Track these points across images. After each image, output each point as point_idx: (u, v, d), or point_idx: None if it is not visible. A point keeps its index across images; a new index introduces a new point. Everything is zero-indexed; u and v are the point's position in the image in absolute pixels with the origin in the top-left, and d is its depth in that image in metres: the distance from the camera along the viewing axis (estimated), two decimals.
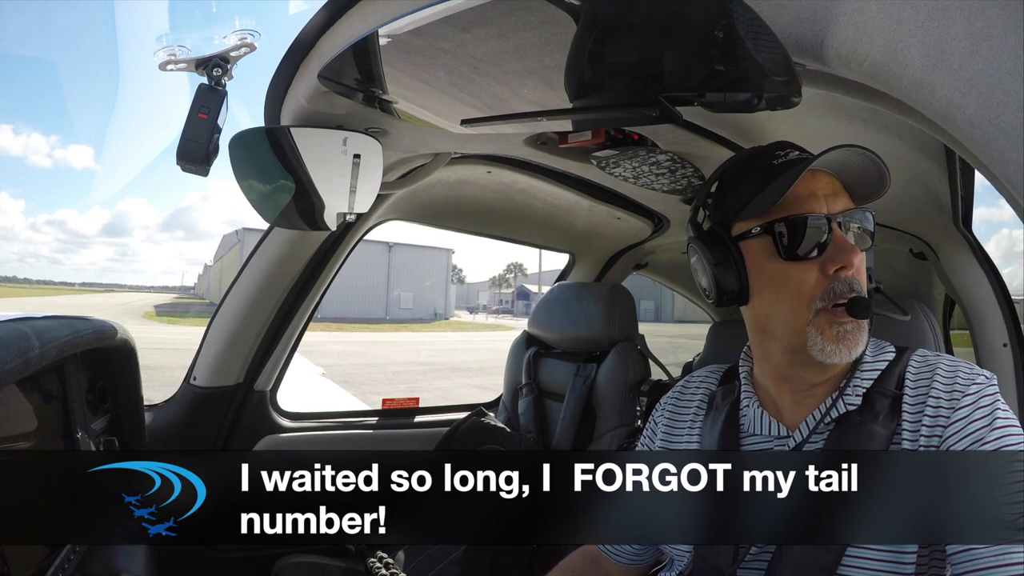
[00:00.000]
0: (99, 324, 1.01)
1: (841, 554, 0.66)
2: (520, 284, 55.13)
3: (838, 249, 0.69)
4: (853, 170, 0.71)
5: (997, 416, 0.64)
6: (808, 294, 0.70)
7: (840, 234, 0.70)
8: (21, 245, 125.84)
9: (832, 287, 0.69)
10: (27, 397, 0.83)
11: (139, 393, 1.24)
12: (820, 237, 0.70)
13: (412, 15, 0.69)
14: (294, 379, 1.76)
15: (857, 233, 0.72)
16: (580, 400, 1.62)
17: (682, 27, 0.64)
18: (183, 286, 74.35)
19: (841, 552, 0.66)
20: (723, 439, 0.80)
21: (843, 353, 0.69)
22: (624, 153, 1.16)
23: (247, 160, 1.02)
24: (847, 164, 0.70)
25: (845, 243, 0.70)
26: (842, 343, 0.69)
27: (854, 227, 0.72)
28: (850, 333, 0.69)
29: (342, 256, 1.54)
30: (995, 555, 0.56)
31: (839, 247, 0.69)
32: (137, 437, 1.26)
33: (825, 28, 0.50)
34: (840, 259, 0.69)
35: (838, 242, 0.70)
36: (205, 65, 0.89)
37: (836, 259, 0.69)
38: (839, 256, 0.69)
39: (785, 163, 0.73)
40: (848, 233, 0.71)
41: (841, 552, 0.66)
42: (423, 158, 1.32)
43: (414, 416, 1.86)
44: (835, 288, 0.69)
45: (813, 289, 0.70)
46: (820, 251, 0.70)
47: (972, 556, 0.57)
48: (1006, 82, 0.37)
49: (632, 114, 0.82)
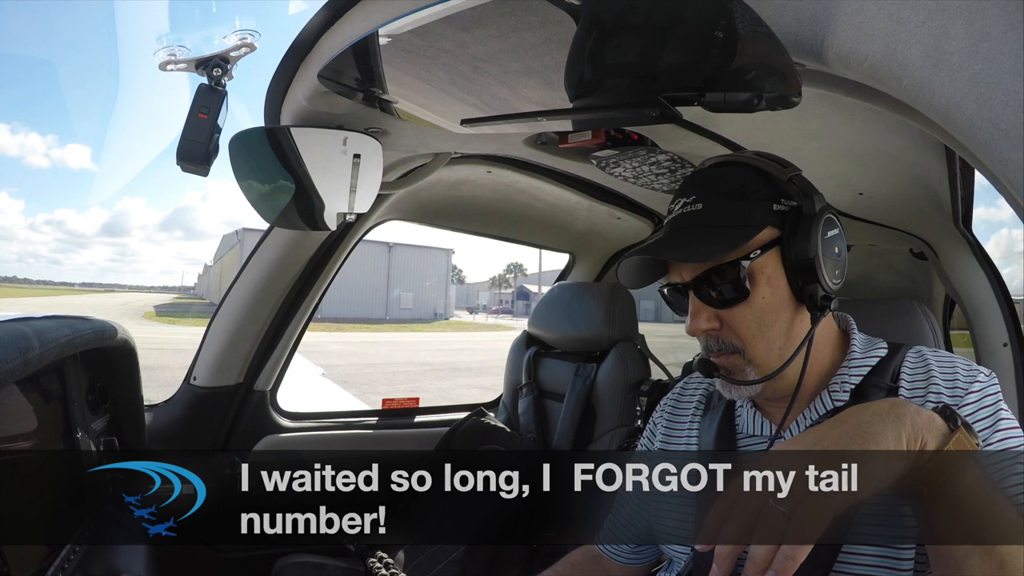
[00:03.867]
0: (99, 324, 1.01)
1: (837, 551, 0.66)
2: (520, 284, 55.14)
3: (690, 313, 0.74)
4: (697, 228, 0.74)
5: (1001, 417, 0.64)
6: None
7: (693, 299, 0.74)
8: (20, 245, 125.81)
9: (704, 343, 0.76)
10: (27, 397, 0.83)
11: (139, 393, 1.24)
12: (682, 304, 0.76)
13: (412, 15, 0.69)
14: (294, 379, 1.76)
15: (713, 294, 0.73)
16: (580, 400, 1.62)
17: (682, 27, 0.64)
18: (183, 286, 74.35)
19: (836, 550, 0.66)
20: (719, 439, 0.81)
21: (728, 393, 0.76)
22: (624, 153, 1.16)
23: (247, 160, 1.02)
24: (678, 243, 0.73)
25: (694, 307, 0.74)
26: (723, 388, 0.76)
27: (704, 291, 0.73)
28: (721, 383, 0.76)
29: (342, 256, 1.54)
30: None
31: (691, 312, 0.74)
32: (137, 437, 1.26)
33: (825, 28, 0.50)
34: (689, 325, 0.74)
35: (691, 306, 0.74)
36: (205, 65, 0.89)
37: (688, 324, 0.74)
38: (689, 321, 0.74)
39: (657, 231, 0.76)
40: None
41: (836, 550, 0.66)
42: (423, 158, 1.32)
43: (414, 416, 1.86)
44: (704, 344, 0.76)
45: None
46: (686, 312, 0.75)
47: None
48: (1006, 82, 0.37)
49: (632, 114, 0.82)
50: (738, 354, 0.72)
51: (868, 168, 1.11)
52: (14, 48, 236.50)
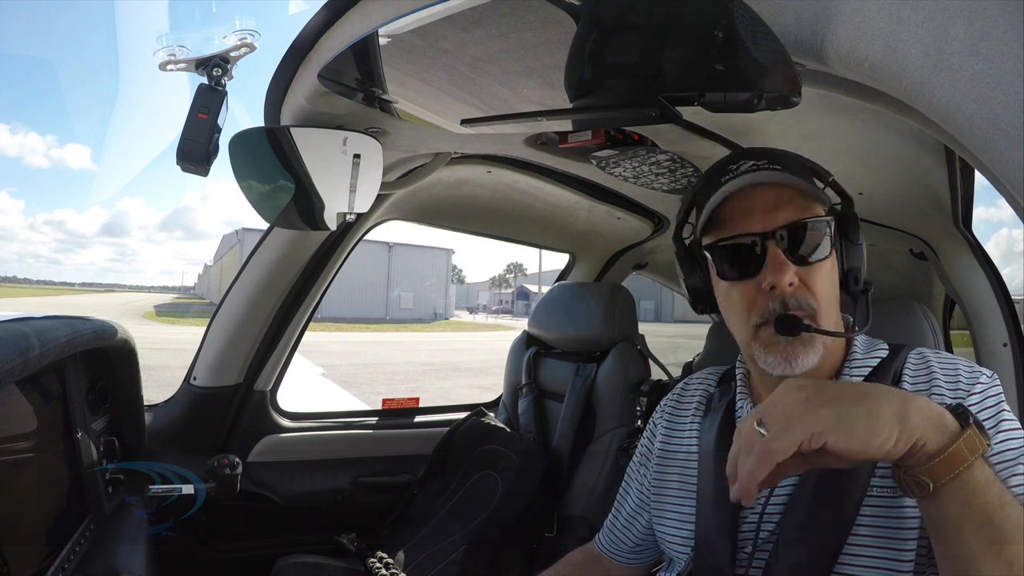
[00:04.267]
0: (99, 324, 1.01)
1: (838, 552, 0.66)
2: (520, 284, 55.10)
3: (770, 268, 0.70)
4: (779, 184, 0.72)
5: (1003, 419, 0.65)
6: (747, 311, 0.72)
7: (774, 252, 0.70)
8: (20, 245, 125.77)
9: (767, 304, 0.70)
10: (27, 397, 0.83)
11: (139, 393, 1.24)
12: (752, 256, 0.71)
13: (412, 15, 0.69)
14: (294, 379, 1.76)
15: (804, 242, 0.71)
16: (580, 400, 1.62)
17: (682, 27, 0.64)
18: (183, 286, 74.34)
19: (838, 551, 0.66)
20: (720, 440, 0.81)
21: (785, 366, 0.70)
22: (624, 153, 1.16)
23: (247, 160, 1.02)
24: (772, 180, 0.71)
25: (775, 260, 0.70)
26: (781, 357, 0.70)
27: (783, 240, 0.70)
28: (788, 348, 0.69)
29: (342, 256, 1.54)
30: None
31: (771, 266, 0.70)
32: (137, 437, 1.26)
33: (825, 28, 0.50)
34: (771, 278, 0.69)
35: (770, 260, 0.70)
36: (205, 65, 0.89)
37: (768, 278, 0.70)
38: (769, 275, 0.70)
39: (728, 180, 0.73)
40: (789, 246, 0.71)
41: (838, 551, 0.66)
42: (423, 158, 1.32)
43: (414, 416, 1.86)
44: (769, 306, 0.70)
45: (751, 306, 0.72)
46: (756, 269, 0.71)
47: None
48: (1006, 82, 0.37)
49: (632, 114, 0.82)
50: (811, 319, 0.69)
51: (868, 168, 1.11)
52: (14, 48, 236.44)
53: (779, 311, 0.69)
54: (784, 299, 0.70)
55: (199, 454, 1.42)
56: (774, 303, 0.70)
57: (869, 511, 0.66)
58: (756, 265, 0.70)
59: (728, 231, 0.72)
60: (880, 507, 0.66)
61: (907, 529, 0.64)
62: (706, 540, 0.77)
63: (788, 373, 0.70)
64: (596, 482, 1.53)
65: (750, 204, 0.71)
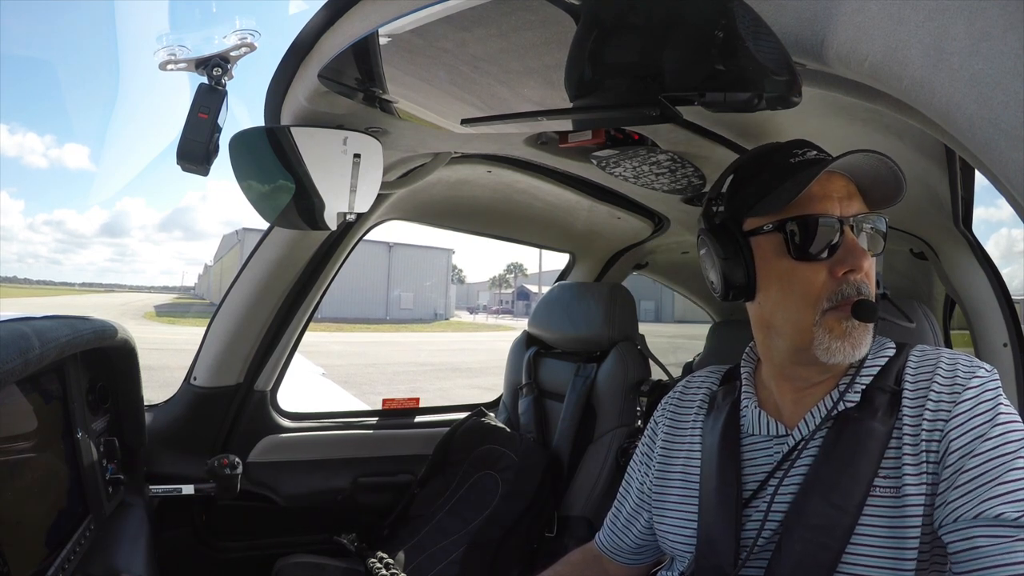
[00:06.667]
0: (99, 324, 1.01)
1: (840, 552, 0.66)
2: (520, 284, 55.10)
3: (848, 251, 0.70)
4: (868, 175, 0.71)
5: (1000, 412, 0.64)
6: (816, 294, 0.71)
7: (851, 237, 0.70)
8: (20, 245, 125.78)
9: (840, 289, 0.70)
10: (27, 397, 0.83)
11: (139, 393, 1.24)
12: (831, 238, 0.70)
13: (412, 15, 0.69)
14: (294, 379, 1.76)
15: (870, 235, 0.73)
16: (580, 400, 1.62)
17: (682, 27, 0.64)
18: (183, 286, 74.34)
19: (840, 550, 0.66)
20: (724, 439, 0.80)
21: (848, 353, 0.70)
22: (624, 153, 1.16)
23: (247, 160, 1.02)
24: (863, 168, 0.70)
25: (856, 246, 0.70)
26: (847, 343, 0.70)
27: (867, 229, 0.72)
28: (856, 334, 0.70)
29: (342, 256, 1.54)
30: (998, 554, 0.56)
31: (849, 250, 0.70)
32: (137, 437, 1.26)
33: (825, 28, 0.50)
34: (850, 262, 0.69)
35: (849, 245, 0.70)
36: (205, 65, 0.89)
37: (846, 261, 0.69)
38: (849, 259, 0.69)
39: (802, 162, 0.73)
40: (860, 236, 0.71)
41: (840, 550, 0.66)
42: (423, 158, 1.32)
43: (414, 416, 1.86)
44: (843, 290, 0.70)
45: (821, 290, 0.71)
46: (831, 252, 0.70)
47: (974, 555, 0.57)
48: (1006, 82, 0.37)
49: (632, 114, 0.82)
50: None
51: None
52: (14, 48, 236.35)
53: (856, 296, 0.69)
54: (859, 285, 0.70)
55: (199, 454, 1.42)
56: (849, 288, 0.69)
57: (872, 511, 0.66)
58: (832, 248, 0.70)
59: (799, 211, 0.71)
60: (883, 507, 0.66)
61: (910, 528, 0.64)
62: (708, 539, 0.77)
63: (849, 360, 0.71)
64: (596, 482, 1.53)
65: (827, 188, 0.71)
